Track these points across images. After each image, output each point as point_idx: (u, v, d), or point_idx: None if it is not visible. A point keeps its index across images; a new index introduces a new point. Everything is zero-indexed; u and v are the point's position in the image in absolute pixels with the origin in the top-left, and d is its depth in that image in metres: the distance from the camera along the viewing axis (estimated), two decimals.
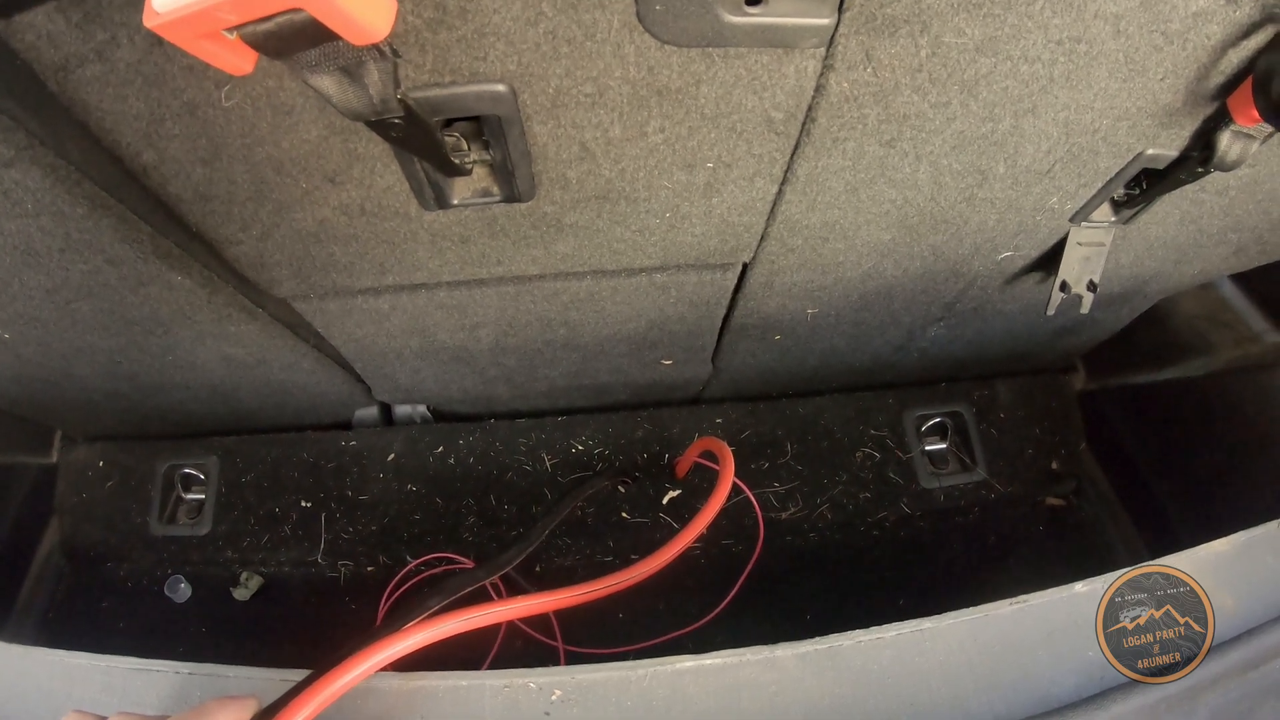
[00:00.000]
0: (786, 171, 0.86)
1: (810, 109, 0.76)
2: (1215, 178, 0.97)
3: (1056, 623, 0.77)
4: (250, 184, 0.80)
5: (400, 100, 0.59)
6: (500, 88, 0.69)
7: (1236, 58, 0.75)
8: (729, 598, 1.36)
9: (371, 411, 1.61)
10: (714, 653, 0.73)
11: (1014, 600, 0.78)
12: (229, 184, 0.80)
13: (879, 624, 0.76)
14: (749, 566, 1.36)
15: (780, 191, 0.89)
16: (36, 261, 0.86)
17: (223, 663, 0.75)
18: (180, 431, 1.64)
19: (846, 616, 0.78)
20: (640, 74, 0.69)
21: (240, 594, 1.54)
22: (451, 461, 1.57)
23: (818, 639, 0.74)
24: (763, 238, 0.99)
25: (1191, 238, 1.14)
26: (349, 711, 0.71)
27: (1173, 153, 0.90)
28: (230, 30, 0.47)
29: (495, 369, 1.35)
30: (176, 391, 1.38)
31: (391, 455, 1.58)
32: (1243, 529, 0.86)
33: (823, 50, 0.69)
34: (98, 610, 1.60)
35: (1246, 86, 0.76)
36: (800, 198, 0.90)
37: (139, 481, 1.63)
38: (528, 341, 1.25)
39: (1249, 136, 0.84)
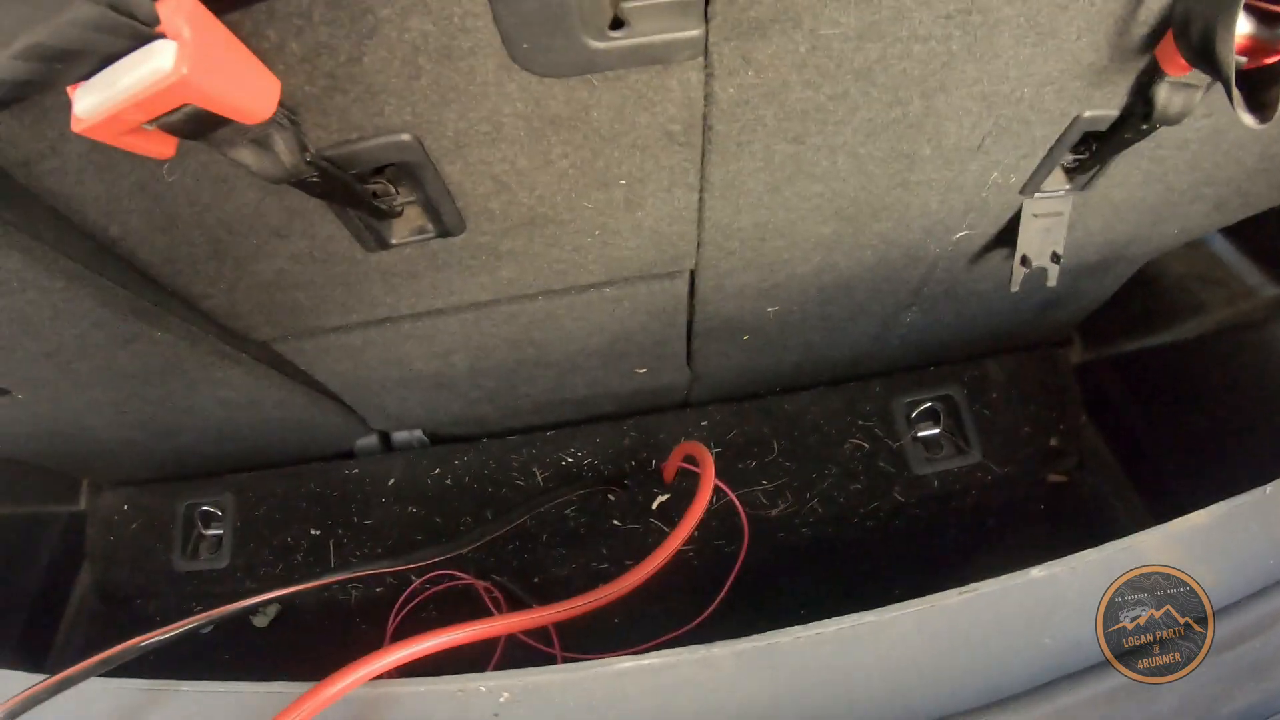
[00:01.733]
0: (701, 179, 0.87)
1: (705, 117, 0.77)
2: (1171, 132, 0.93)
3: (1008, 611, 0.77)
4: (207, 245, 0.86)
5: (310, 162, 0.65)
6: (405, 137, 0.73)
7: (1154, 6, 0.74)
8: (718, 599, 1.37)
9: (372, 440, 1.66)
10: (652, 653, 0.75)
11: (963, 590, 0.78)
12: (189, 246, 0.86)
13: None
14: (736, 566, 1.37)
15: (701, 199, 0.90)
16: (33, 330, 0.92)
17: None
18: (197, 472, 1.71)
19: (842, 610, 0.77)
20: (529, 108, 0.72)
21: (260, 621, 1.60)
22: (448, 482, 1.61)
23: (756, 636, 0.75)
24: (700, 244, 1.00)
25: (1161, 197, 1.11)
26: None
27: (1112, 112, 0.88)
28: (148, 123, 0.52)
29: (476, 391, 1.38)
30: (185, 435, 1.43)
31: (392, 480, 1.63)
32: (1248, 490, 0.85)
33: (700, 59, 0.70)
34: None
35: (1170, 36, 0.74)
36: (723, 203, 0.91)
37: (162, 521, 1.69)
38: (501, 363, 1.27)
39: (1189, 86, 0.82)
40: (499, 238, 0.92)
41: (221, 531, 1.68)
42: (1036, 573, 0.79)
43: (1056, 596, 0.78)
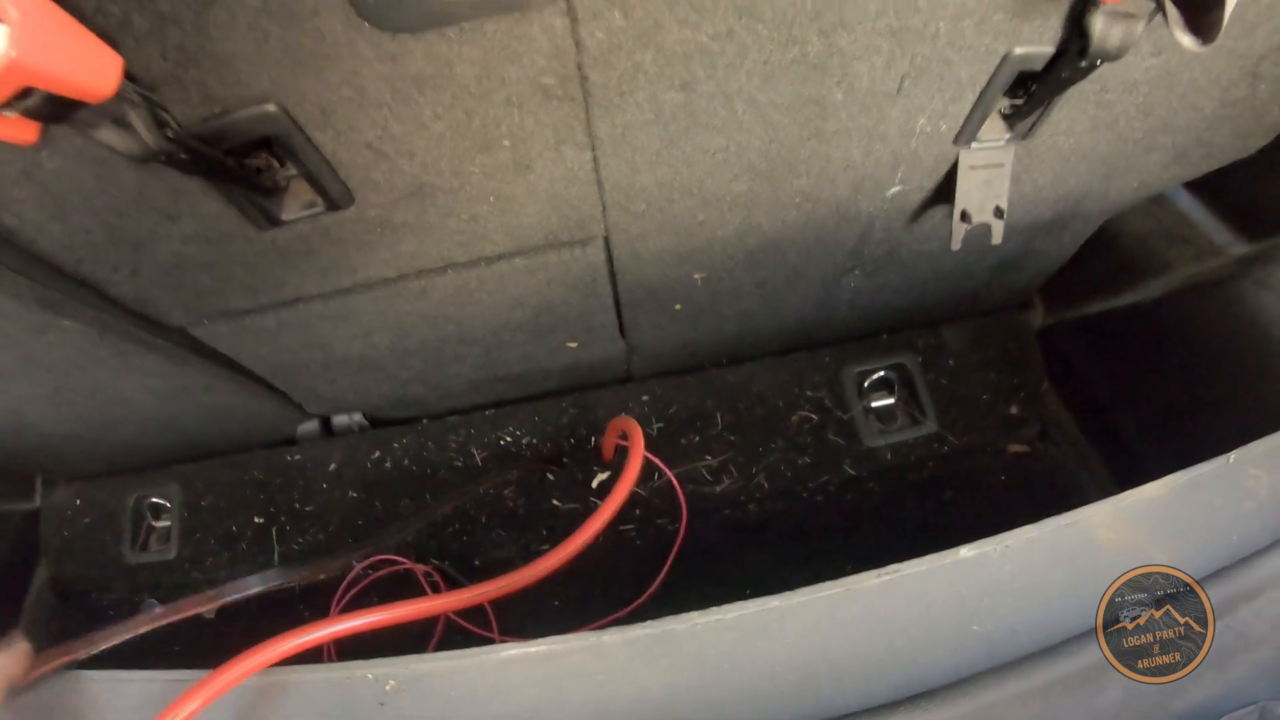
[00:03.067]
0: (590, 136, 0.82)
1: (580, 67, 0.73)
2: (1118, 73, 0.89)
3: (933, 595, 0.73)
4: (101, 230, 0.84)
5: (173, 139, 0.63)
6: (269, 107, 0.70)
7: None
8: (658, 580, 1.34)
9: (313, 425, 1.64)
10: (539, 640, 0.72)
11: (881, 571, 0.74)
12: (85, 233, 0.84)
13: None
14: (675, 545, 1.34)
15: (595, 157, 0.86)
16: None
17: None
18: (144, 464, 1.69)
19: (791, 588, 0.73)
20: (388, 68, 0.69)
21: (207, 613, 1.57)
22: (388, 465, 1.58)
23: (650, 623, 0.72)
24: (604, 207, 0.96)
25: (1113, 146, 1.05)
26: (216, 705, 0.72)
27: (1046, 49, 0.81)
28: (3, 108, 0.50)
29: (405, 371, 1.35)
30: (126, 426, 1.41)
31: (332, 465, 1.60)
32: (1213, 456, 0.81)
33: (561, 3, 0.66)
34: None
35: None
36: (617, 160, 0.87)
37: (112, 515, 1.68)
38: (424, 342, 1.24)
39: (1128, 16, 0.74)
40: (390, 209, 0.88)
41: (169, 523, 1.66)
42: (965, 551, 0.75)
43: (991, 577, 0.74)
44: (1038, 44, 0.81)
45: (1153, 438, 1.45)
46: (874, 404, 1.60)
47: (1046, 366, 1.62)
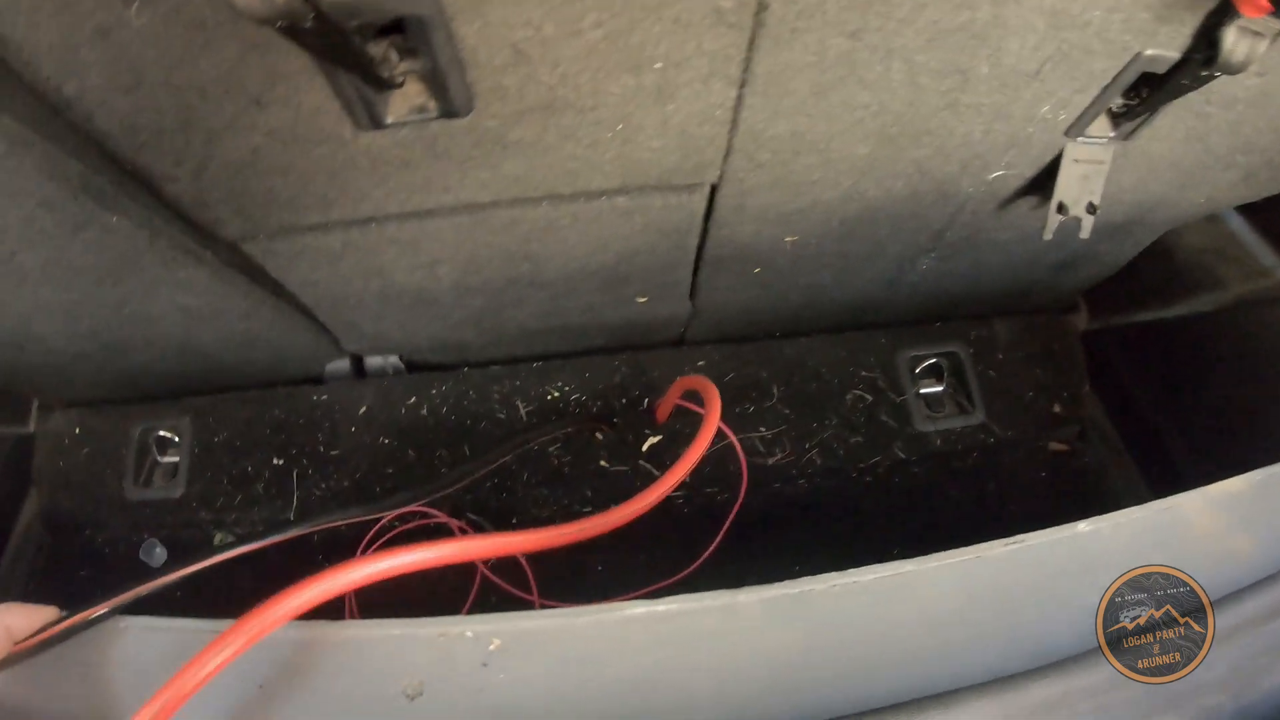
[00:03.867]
0: (744, 71, 0.78)
1: None
2: (1222, 89, 0.90)
3: (1057, 566, 0.71)
4: (176, 111, 0.75)
5: (307, 1, 0.54)
6: None
7: None
8: (711, 548, 1.31)
9: (343, 364, 1.57)
10: (668, 598, 0.67)
11: (1010, 540, 0.72)
12: (155, 113, 0.75)
13: None
14: (731, 515, 1.31)
15: (740, 96, 0.82)
16: None
17: None
18: (153, 393, 1.61)
19: (836, 567, 0.71)
20: None
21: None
22: (424, 412, 1.52)
23: (787, 583, 0.68)
24: (728, 152, 0.92)
25: (1197, 158, 1.07)
26: (274, 663, 0.67)
27: (1174, 53, 0.82)
28: None
29: (461, 311, 1.30)
30: (142, 350, 1.34)
31: (363, 408, 1.54)
32: (1250, 470, 0.80)
33: None
34: (76, 579, 1.58)
35: None
36: (762, 102, 0.83)
37: (114, 446, 1.60)
38: (491, 279, 1.19)
39: (1256, 33, 0.77)
40: (509, 123, 0.82)
41: (177, 459, 1.58)
42: (1083, 526, 0.74)
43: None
44: (1167, 48, 0.82)
45: (1192, 447, 1.48)
46: (923, 389, 1.60)
47: (1089, 369, 1.63)
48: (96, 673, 0.68)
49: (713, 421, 1.05)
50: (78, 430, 1.62)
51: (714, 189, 1.01)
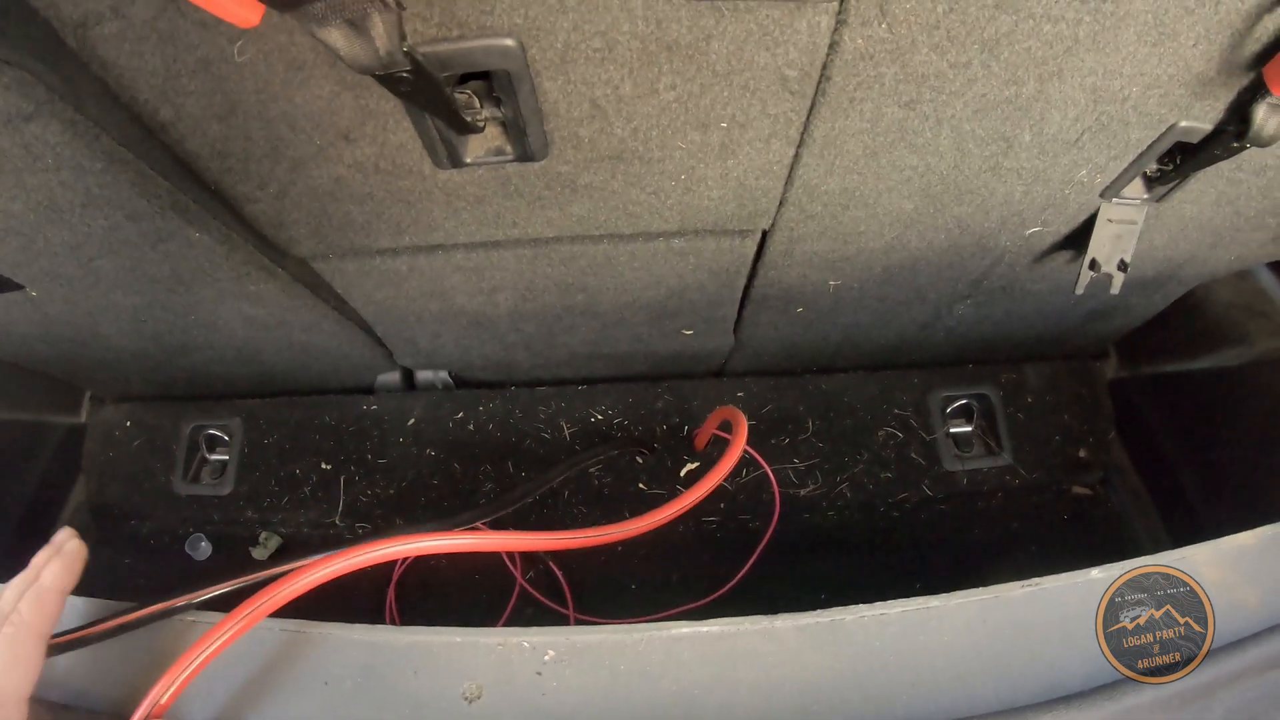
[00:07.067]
0: (803, 133, 0.84)
1: (825, 67, 0.74)
2: (1253, 156, 0.93)
3: (1070, 608, 0.75)
4: (266, 140, 0.80)
5: (406, 54, 0.59)
6: (508, 42, 0.68)
7: (1271, 24, 0.72)
8: (742, 572, 1.34)
9: (393, 377, 1.62)
10: (712, 620, 0.72)
11: (1026, 583, 0.76)
12: (245, 140, 0.80)
13: None
14: (764, 540, 1.35)
15: (797, 155, 0.87)
16: (59, 217, 0.87)
17: None
18: (206, 393, 1.67)
19: (862, 598, 0.75)
20: (649, 28, 0.68)
21: (259, 553, 1.56)
22: (471, 428, 1.57)
23: (820, 611, 0.73)
24: (781, 203, 0.97)
25: (1228, 220, 1.10)
26: (338, 663, 0.72)
27: (1207, 126, 0.86)
28: None
29: (514, 335, 1.35)
30: (201, 352, 1.39)
31: (412, 420, 1.59)
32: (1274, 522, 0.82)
33: (835, 4, 0.67)
34: (120, 566, 1.63)
35: None
36: (818, 161, 0.88)
37: (164, 441, 1.65)
38: (546, 307, 1.24)
39: None
40: (580, 169, 0.88)
41: (226, 457, 1.64)
42: (1096, 573, 0.77)
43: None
44: (1201, 120, 0.86)
45: (1214, 498, 1.49)
46: (953, 429, 1.63)
47: (1115, 416, 1.65)
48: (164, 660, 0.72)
49: (737, 445, 1.11)
50: (128, 423, 1.68)
51: (765, 235, 1.06)
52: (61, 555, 0.71)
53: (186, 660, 0.67)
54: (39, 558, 0.72)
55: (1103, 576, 0.76)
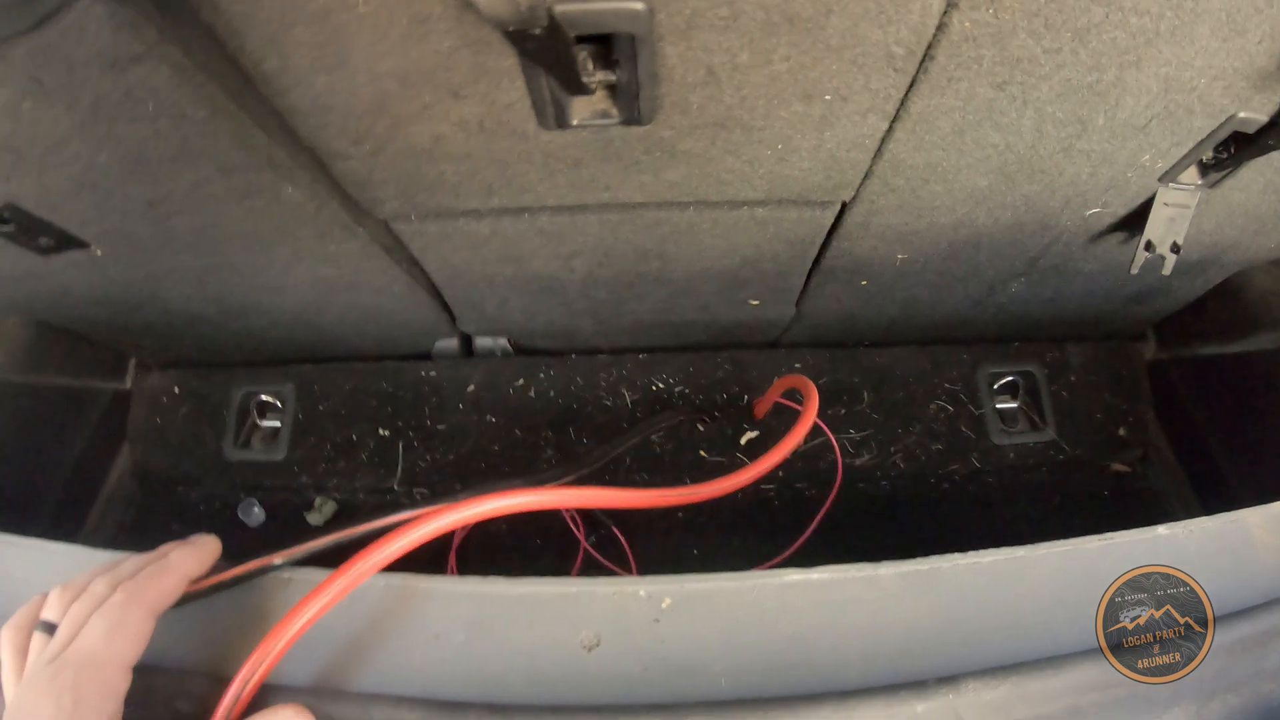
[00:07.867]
0: (899, 109, 0.87)
1: (930, 46, 0.77)
2: None
3: (1141, 562, 0.78)
4: (371, 96, 0.80)
5: (547, 10, 0.59)
6: (639, 5, 0.69)
7: None
8: (804, 537, 1.38)
9: (451, 343, 1.64)
10: (820, 568, 0.75)
11: (1100, 537, 0.80)
12: (349, 95, 0.80)
13: None
14: (825, 506, 1.38)
15: (890, 129, 0.90)
16: (144, 170, 0.86)
17: None
18: (256, 359, 1.68)
19: None
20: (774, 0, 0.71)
21: (314, 518, 1.58)
22: (531, 394, 1.60)
23: (919, 559, 0.77)
24: (867, 175, 1.00)
25: (1273, 208, 1.15)
26: (448, 617, 0.73)
27: (1263, 117, 0.91)
28: None
29: (584, 301, 1.37)
30: (260, 315, 1.40)
31: (471, 386, 1.61)
32: None
33: None
34: (169, 532, 1.60)
35: None
36: (909, 136, 0.91)
37: (214, 408, 1.66)
38: (620, 273, 1.26)
39: None
40: (682, 135, 0.90)
41: (279, 424, 1.65)
42: (1163, 530, 0.82)
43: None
44: (1259, 112, 0.90)
45: (1247, 478, 1.53)
46: (999, 405, 1.67)
47: (1154, 396, 1.69)
48: (260, 619, 0.74)
49: (809, 415, 1.14)
50: (176, 389, 1.68)
51: (844, 206, 1.09)
52: (192, 542, 0.73)
53: (295, 617, 0.66)
54: (169, 545, 0.73)
55: (1168, 534, 0.81)
